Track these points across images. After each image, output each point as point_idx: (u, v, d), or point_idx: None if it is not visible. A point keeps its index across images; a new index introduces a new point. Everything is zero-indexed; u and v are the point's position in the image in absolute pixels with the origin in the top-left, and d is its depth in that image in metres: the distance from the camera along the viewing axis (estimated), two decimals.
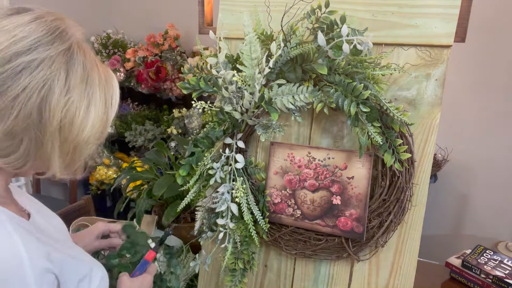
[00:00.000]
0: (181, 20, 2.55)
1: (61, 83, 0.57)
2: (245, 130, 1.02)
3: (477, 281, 1.36)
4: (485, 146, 2.06)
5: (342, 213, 0.94)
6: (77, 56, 0.60)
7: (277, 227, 1.02)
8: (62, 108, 0.58)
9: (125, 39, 2.79)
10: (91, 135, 0.62)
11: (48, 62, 0.57)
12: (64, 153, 0.61)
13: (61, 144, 0.60)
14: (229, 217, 0.98)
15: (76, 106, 0.59)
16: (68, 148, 0.61)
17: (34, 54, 0.56)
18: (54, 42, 0.58)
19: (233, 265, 1.02)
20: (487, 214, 2.12)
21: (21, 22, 0.57)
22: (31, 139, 0.58)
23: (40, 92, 0.56)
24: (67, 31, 0.60)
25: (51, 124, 0.57)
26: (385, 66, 0.88)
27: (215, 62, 0.94)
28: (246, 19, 0.91)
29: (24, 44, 0.56)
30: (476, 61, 1.99)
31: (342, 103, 0.85)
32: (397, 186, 0.90)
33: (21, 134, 0.57)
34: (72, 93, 0.58)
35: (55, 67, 0.57)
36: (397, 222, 0.92)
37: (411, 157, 0.89)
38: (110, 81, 0.66)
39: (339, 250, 0.97)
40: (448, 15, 0.88)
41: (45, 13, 0.61)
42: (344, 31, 0.82)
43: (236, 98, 0.95)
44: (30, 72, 0.55)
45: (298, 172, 0.98)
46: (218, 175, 0.97)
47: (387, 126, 0.89)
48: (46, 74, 0.56)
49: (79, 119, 0.60)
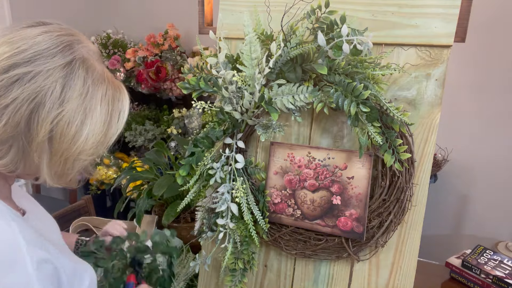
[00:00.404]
0: (181, 20, 2.55)
1: (55, 96, 0.58)
2: (245, 130, 1.02)
3: (477, 281, 1.36)
4: (485, 146, 2.06)
5: (342, 213, 0.94)
6: (78, 70, 0.60)
7: (277, 227, 1.02)
8: (52, 120, 0.58)
9: (125, 39, 2.79)
10: (84, 150, 0.62)
11: (44, 74, 0.57)
12: (54, 164, 0.62)
13: (51, 155, 0.61)
14: (229, 217, 0.98)
15: (68, 119, 0.59)
16: (58, 160, 0.61)
17: (31, 66, 0.57)
18: (55, 56, 0.59)
19: (233, 265, 1.02)
20: (487, 214, 2.12)
21: (28, 35, 0.59)
22: (19, 147, 0.59)
23: (30, 104, 0.57)
24: (72, 47, 0.61)
25: (38, 135, 0.58)
26: (385, 66, 0.88)
27: (215, 62, 0.94)
28: (246, 19, 0.91)
29: (24, 56, 0.57)
30: (476, 61, 1.99)
31: (342, 103, 0.85)
32: (397, 186, 0.90)
33: (10, 141, 0.58)
34: (66, 106, 0.59)
35: (51, 80, 0.58)
36: (397, 222, 0.92)
37: (411, 157, 0.89)
38: (119, 97, 0.66)
39: (339, 250, 0.97)
40: (448, 15, 0.88)
41: (57, 28, 0.62)
42: (344, 31, 0.82)
43: (236, 98, 0.95)
44: (23, 84, 0.57)
45: (298, 172, 0.98)
46: (218, 175, 0.97)
47: (387, 126, 0.89)
48: (40, 86, 0.57)
49: (71, 132, 0.60)
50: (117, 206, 1.61)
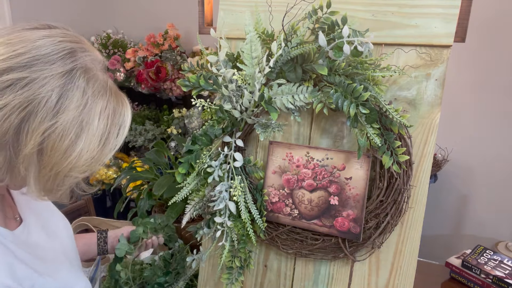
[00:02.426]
0: (181, 20, 2.54)
1: (49, 106, 0.54)
2: (244, 129, 1.02)
3: (477, 281, 1.36)
4: (485, 146, 2.06)
5: (339, 214, 0.94)
6: (78, 80, 0.56)
7: (275, 226, 1.02)
8: (43, 131, 0.54)
9: (125, 39, 2.79)
10: (76, 166, 0.57)
11: (40, 82, 0.53)
12: (42, 178, 0.57)
13: (39, 168, 0.56)
14: (227, 215, 0.98)
15: (62, 132, 0.55)
16: (48, 174, 0.57)
17: (26, 72, 0.53)
18: (54, 63, 0.55)
19: (230, 263, 1.02)
20: (487, 214, 2.12)
21: (29, 38, 0.55)
22: (5, 157, 0.55)
23: (21, 112, 0.52)
24: (74, 54, 0.57)
25: (26, 146, 0.54)
26: (385, 68, 0.88)
27: (215, 60, 0.94)
28: (248, 17, 0.91)
29: (20, 60, 0.53)
30: (476, 61, 1.99)
31: (341, 104, 0.85)
32: (395, 188, 0.90)
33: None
34: (60, 118, 0.54)
35: (47, 88, 0.53)
36: (394, 224, 0.92)
37: (409, 159, 0.89)
38: (120, 111, 0.61)
39: (336, 250, 0.97)
40: (448, 15, 0.88)
41: (60, 33, 0.58)
42: (345, 32, 0.82)
43: (236, 96, 0.95)
44: (15, 90, 0.52)
45: (296, 172, 0.98)
46: (216, 173, 0.97)
47: (386, 128, 0.89)
48: (34, 95, 0.53)
49: (64, 145, 0.55)
50: (117, 206, 1.61)
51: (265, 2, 1.00)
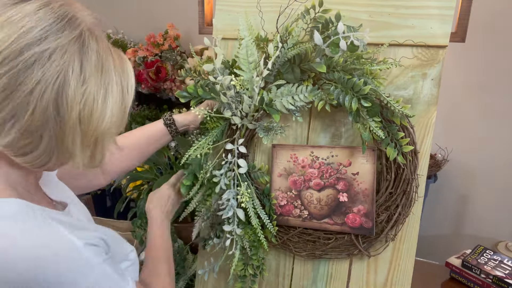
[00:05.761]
0: (181, 20, 2.54)
1: (76, 73, 0.54)
2: (246, 135, 1.00)
3: (477, 281, 1.35)
4: (485, 146, 2.06)
5: (350, 210, 0.94)
6: (89, 43, 0.56)
7: (285, 229, 1.01)
8: (79, 100, 0.54)
9: (125, 39, 2.79)
10: (112, 125, 0.59)
11: (60, 51, 0.53)
12: (85, 147, 0.58)
13: (82, 138, 0.57)
14: (236, 223, 0.97)
15: (93, 97, 0.55)
16: (89, 141, 0.58)
17: (45, 44, 0.52)
18: (64, 30, 0.54)
19: (242, 272, 1.00)
20: (487, 214, 2.12)
21: (28, 11, 0.53)
22: (50, 135, 0.55)
23: (54, 84, 0.52)
24: (76, 17, 0.56)
25: (70, 117, 0.54)
26: (382, 61, 0.88)
27: (211, 69, 0.93)
28: (242, 22, 0.91)
29: (33, 35, 0.52)
30: (476, 61, 1.99)
31: (343, 99, 0.86)
32: (403, 179, 0.90)
33: (40, 130, 0.54)
34: (88, 83, 0.55)
35: (68, 56, 0.53)
36: (405, 215, 0.92)
37: (414, 149, 0.90)
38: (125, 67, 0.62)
39: (349, 248, 0.96)
40: (444, 16, 0.89)
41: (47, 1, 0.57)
42: (340, 28, 0.82)
43: (235, 102, 0.94)
44: (43, 63, 0.52)
45: (302, 173, 0.98)
46: (222, 182, 0.96)
47: (388, 120, 0.89)
48: (60, 65, 0.53)
49: (98, 110, 0.56)
50: (117, 206, 1.61)
51: (260, 3, 0.99)
